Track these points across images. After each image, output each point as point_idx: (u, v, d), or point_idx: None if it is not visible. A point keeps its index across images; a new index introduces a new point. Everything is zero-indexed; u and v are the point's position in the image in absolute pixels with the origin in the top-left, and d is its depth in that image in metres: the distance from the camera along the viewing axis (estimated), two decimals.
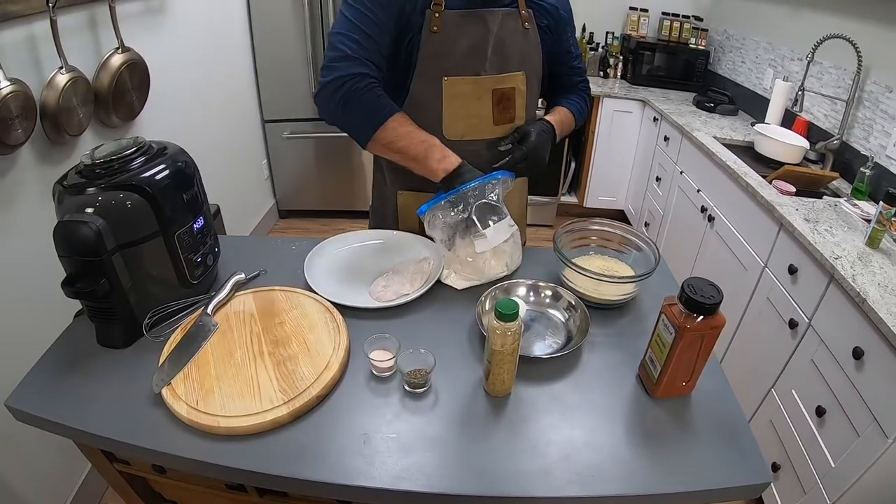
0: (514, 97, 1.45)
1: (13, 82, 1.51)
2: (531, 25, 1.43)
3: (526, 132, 1.44)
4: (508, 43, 1.40)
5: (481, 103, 1.42)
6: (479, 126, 1.44)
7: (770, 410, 2.02)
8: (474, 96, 1.41)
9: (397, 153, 1.35)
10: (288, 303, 1.25)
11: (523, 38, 1.42)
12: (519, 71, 1.44)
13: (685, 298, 0.96)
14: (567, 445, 0.97)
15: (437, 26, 1.32)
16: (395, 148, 1.34)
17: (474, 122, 1.43)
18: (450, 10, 1.32)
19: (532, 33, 1.44)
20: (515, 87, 1.44)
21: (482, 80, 1.39)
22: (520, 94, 1.46)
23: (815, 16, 2.85)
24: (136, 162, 1.12)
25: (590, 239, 1.42)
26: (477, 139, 1.45)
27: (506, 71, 1.41)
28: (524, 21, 1.41)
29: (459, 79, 1.38)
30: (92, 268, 1.06)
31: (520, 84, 1.45)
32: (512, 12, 1.39)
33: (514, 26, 1.40)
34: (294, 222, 4.07)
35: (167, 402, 0.99)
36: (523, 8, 1.40)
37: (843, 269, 1.70)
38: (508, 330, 0.96)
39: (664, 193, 3.32)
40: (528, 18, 1.42)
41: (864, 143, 2.45)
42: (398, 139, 1.32)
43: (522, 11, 1.40)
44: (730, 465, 0.95)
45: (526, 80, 1.45)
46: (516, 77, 1.43)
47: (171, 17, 2.50)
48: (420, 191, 1.46)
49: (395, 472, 0.91)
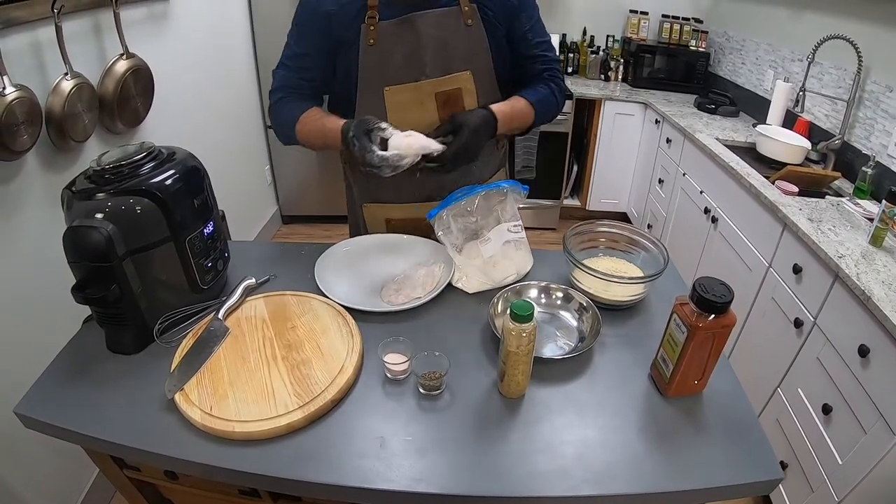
0: (461, 98, 1.42)
1: (18, 88, 1.51)
2: (475, 21, 1.37)
3: (460, 123, 1.35)
4: (451, 43, 1.37)
5: (424, 109, 1.40)
6: (427, 132, 1.40)
7: (777, 409, 2.02)
8: (416, 102, 1.39)
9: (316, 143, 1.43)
10: (299, 307, 1.25)
11: (467, 36, 1.38)
12: (464, 70, 1.40)
13: (697, 298, 0.97)
14: (582, 445, 0.97)
15: (374, 39, 1.33)
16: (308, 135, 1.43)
17: (421, 128, 1.39)
18: (384, 21, 1.32)
19: (476, 29, 1.38)
20: (462, 88, 1.41)
21: (422, 85, 1.38)
22: (468, 94, 1.43)
23: (814, 17, 2.86)
24: (145, 167, 1.12)
25: (598, 241, 1.42)
26: None
27: (449, 72, 1.39)
28: (466, 18, 1.36)
29: (400, 87, 1.38)
30: (102, 273, 1.06)
31: (466, 84, 1.41)
32: (452, 10, 1.35)
33: (456, 25, 1.36)
34: (297, 227, 4.07)
35: (180, 407, 0.99)
36: (465, 4, 1.36)
37: (847, 267, 1.71)
38: (524, 331, 0.96)
39: (667, 195, 3.32)
40: (470, 14, 1.36)
41: (866, 143, 2.46)
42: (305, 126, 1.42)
43: (464, 8, 1.36)
44: (741, 463, 0.96)
45: (474, 78, 1.42)
46: (461, 77, 1.40)
47: (175, 22, 2.50)
48: (385, 202, 1.45)
49: (412, 475, 0.91)
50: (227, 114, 3.14)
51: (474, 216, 1.37)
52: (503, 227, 1.39)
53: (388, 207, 1.48)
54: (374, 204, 1.57)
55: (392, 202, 1.38)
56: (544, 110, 1.53)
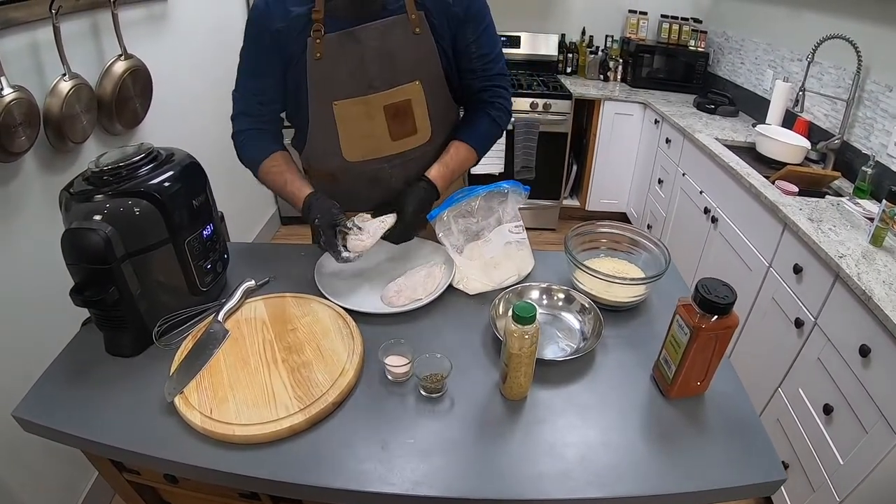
0: (411, 109, 1.40)
1: (16, 89, 1.50)
2: (423, 29, 1.34)
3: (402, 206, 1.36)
4: (398, 53, 1.34)
5: (374, 122, 1.39)
6: (377, 145, 1.42)
7: (777, 410, 2.02)
8: (366, 116, 1.38)
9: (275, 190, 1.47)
10: (300, 309, 1.24)
11: (415, 45, 1.35)
12: (413, 81, 1.37)
13: (700, 299, 0.97)
14: (584, 447, 0.97)
15: (320, 52, 1.31)
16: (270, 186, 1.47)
17: (372, 142, 1.41)
18: (330, 34, 1.30)
19: (424, 37, 1.35)
20: (411, 99, 1.39)
21: (370, 98, 1.36)
22: (418, 104, 1.41)
23: (814, 16, 2.86)
24: (144, 168, 1.12)
25: (599, 242, 1.42)
26: (377, 157, 1.44)
27: (397, 84, 1.37)
28: (414, 26, 1.33)
29: (349, 101, 1.36)
30: (101, 276, 1.05)
31: (415, 94, 1.39)
32: (399, 19, 1.32)
33: (403, 34, 1.33)
34: (296, 229, 4.06)
35: (180, 410, 0.99)
36: (412, 12, 1.32)
37: (847, 267, 1.70)
38: (526, 333, 0.95)
39: (666, 195, 3.32)
40: (418, 22, 1.33)
41: (865, 143, 2.46)
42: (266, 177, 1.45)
43: (412, 16, 1.32)
44: (744, 464, 0.96)
45: (423, 88, 1.39)
46: (410, 88, 1.38)
47: (173, 23, 2.49)
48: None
49: (414, 478, 0.90)
50: (225, 115, 3.08)
51: (475, 217, 1.37)
52: (504, 228, 1.39)
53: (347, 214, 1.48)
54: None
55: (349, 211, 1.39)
56: (485, 145, 1.53)
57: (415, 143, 1.45)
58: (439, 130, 1.48)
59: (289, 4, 1.29)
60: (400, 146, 1.44)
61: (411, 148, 1.45)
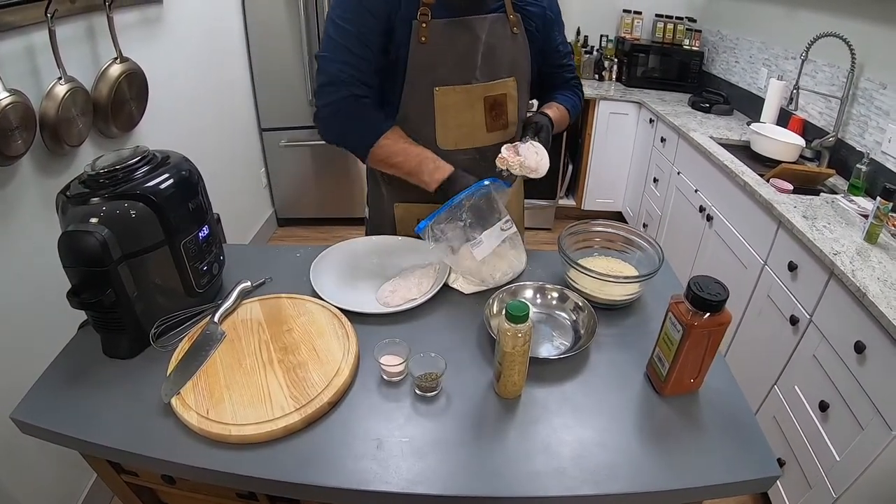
0: (506, 103, 1.45)
1: (12, 93, 1.51)
2: (519, 30, 1.41)
3: (541, 125, 1.42)
4: (498, 49, 1.38)
5: (474, 112, 1.41)
6: (473, 134, 1.44)
7: (774, 407, 2.02)
8: (466, 105, 1.40)
9: (393, 168, 1.39)
10: (295, 310, 1.25)
11: (512, 44, 1.41)
12: (510, 77, 1.43)
13: (692, 296, 0.97)
14: (579, 445, 0.97)
15: (426, 37, 1.31)
16: (391, 163, 1.38)
17: (467, 130, 1.43)
18: (437, 20, 1.31)
19: (521, 38, 1.42)
20: (507, 94, 1.44)
21: (473, 88, 1.39)
22: (511, 100, 1.45)
23: (808, 15, 2.87)
24: (140, 171, 1.12)
25: (593, 241, 1.43)
26: (470, 147, 1.45)
27: (496, 77, 1.41)
28: (513, 26, 1.39)
29: (450, 88, 1.37)
30: (97, 278, 1.05)
31: (511, 90, 1.44)
32: (500, 17, 1.37)
33: (503, 32, 1.38)
34: (293, 230, 4.06)
35: (177, 411, 0.99)
36: (511, 13, 1.39)
37: (842, 264, 1.71)
38: (519, 332, 0.96)
39: (662, 194, 3.33)
40: (516, 23, 1.40)
41: (860, 140, 2.47)
42: (392, 156, 1.37)
43: (510, 16, 1.38)
44: (739, 460, 0.96)
45: (517, 85, 1.45)
46: (507, 83, 1.43)
47: (168, 26, 2.50)
48: (417, 202, 1.45)
49: (410, 477, 0.91)
50: (221, 117, 3.13)
51: (462, 221, 1.37)
52: (496, 228, 1.38)
53: (418, 207, 1.47)
54: (405, 203, 1.56)
55: (422, 202, 1.38)
56: (574, 116, 1.64)
57: (505, 137, 1.48)
58: (520, 128, 1.51)
59: None
60: (493, 139, 1.46)
61: (500, 142, 1.43)
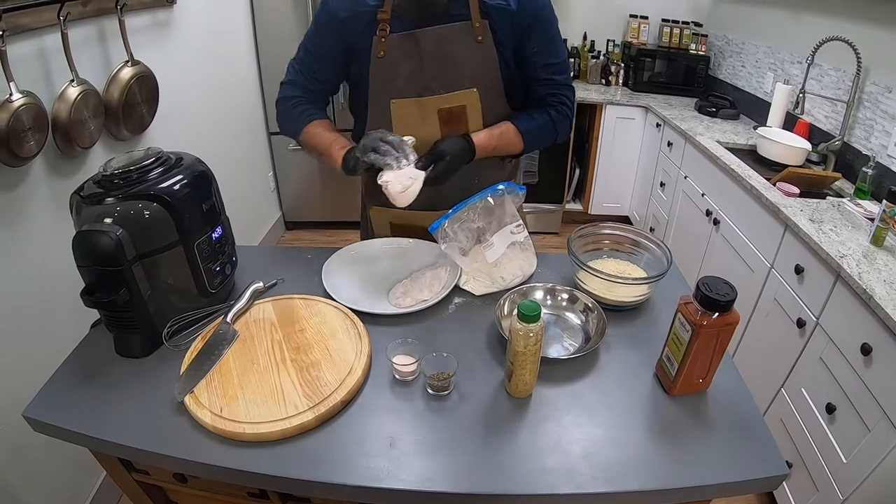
0: (465, 115, 1.42)
1: (25, 95, 1.52)
2: (485, 37, 1.35)
3: (444, 153, 1.35)
4: (458, 59, 1.35)
5: (427, 124, 1.41)
6: (428, 146, 1.41)
7: (780, 409, 2.02)
8: (420, 118, 1.41)
9: (315, 152, 1.47)
10: (307, 310, 1.26)
11: (476, 53, 1.36)
12: (471, 88, 1.39)
13: (701, 296, 0.98)
14: (589, 443, 0.98)
15: (384, 51, 1.35)
16: (312, 146, 1.47)
17: (425, 142, 1.41)
18: (394, 34, 1.33)
19: (487, 45, 1.36)
20: (467, 105, 1.41)
21: (425, 101, 1.39)
22: (473, 111, 1.42)
23: (813, 19, 2.87)
24: (154, 172, 1.13)
25: (602, 243, 1.43)
26: None
27: (456, 88, 1.38)
28: (477, 34, 1.34)
29: (405, 101, 1.39)
30: (111, 277, 1.06)
31: (472, 100, 1.40)
32: (464, 25, 1.33)
33: (466, 40, 1.34)
34: (300, 233, 4.07)
35: (190, 410, 1.00)
36: (477, 20, 1.33)
37: (849, 267, 1.71)
38: (531, 331, 0.97)
39: (668, 198, 3.33)
40: (481, 31, 1.34)
41: (866, 144, 2.47)
42: (312, 138, 1.46)
43: (476, 24, 1.33)
44: (747, 459, 0.96)
45: (480, 95, 1.40)
46: (467, 94, 1.39)
47: (178, 30, 2.52)
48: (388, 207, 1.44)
49: (422, 474, 0.91)
50: (230, 120, 3.15)
51: (476, 222, 1.38)
52: (506, 230, 1.40)
53: (391, 212, 1.49)
54: (379, 207, 1.59)
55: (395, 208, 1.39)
56: (535, 139, 1.52)
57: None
58: None
59: None
60: None
61: None
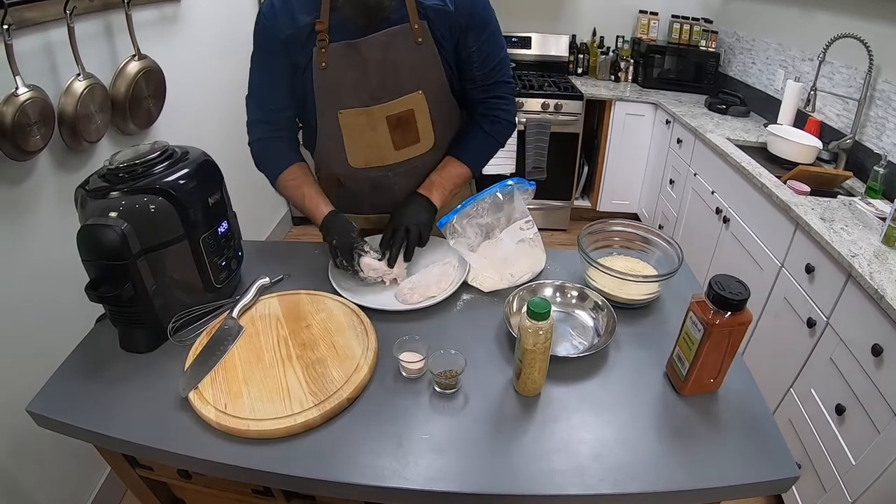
0: (413, 119, 1.41)
1: (31, 89, 1.52)
2: (425, 39, 1.33)
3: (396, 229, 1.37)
4: (402, 64, 1.34)
5: (377, 132, 1.40)
6: (380, 154, 1.43)
7: (789, 410, 2.01)
8: (369, 126, 1.40)
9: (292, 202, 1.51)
10: (314, 306, 1.25)
11: (418, 55, 1.34)
12: (416, 91, 1.37)
13: (713, 295, 0.97)
14: (598, 444, 0.96)
15: (326, 62, 1.32)
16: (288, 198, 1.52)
17: (375, 150, 1.42)
18: (334, 44, 1.31)
19: (427, 47, 1.34)
20: (414, 109, 1.40)
21: (373, 109, 1.37)
22: (421, 114, 1.41)
23: (825, 16, 2.84)
24: (159, 166, 1.13)
25: (612, 240, 1.42)
26: (380, 165, 1.46)
27: (401, 94, 1.37)
28: (417, 36, 1.32)
29: (352, 111, 1.38)
30: (116, 272, 1.06)
31: (418, 104, 1.39)
32: (403, 29, 1.31)
33: (405, 44, 1.32)
34: (308, 229, 4.06)
35: (195, 406, 0.99)
36: (415, 22, 1.31)
37: (860, 266, 1.69)
38: (540, 329, 0.96)
39: (678, 196, 3.31)
40: (420, 32, 1.32)
41: (877, 142, 2.45)
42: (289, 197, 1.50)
43: (415, 26, 1.31)
44: (757, 461, 0.95)
45: (426, 97, 1.39)
46: (414, 98, 1.38)
47: (185, 24, 2.51)
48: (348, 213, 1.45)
49: (429, 473, 0.90)
50: (237, 115, 3.08)
51: (485, 218, 1.37)
52: (515, 226, 1.39)
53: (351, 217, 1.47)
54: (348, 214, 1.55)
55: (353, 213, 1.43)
56: (480, 159, 1.54)
57: (418, 151, 1.46)
58: (444, 138, 1.49)
59: (296, 12, 1.30)
60: (403, 154, 1.45)
61: (415, 156, 1.46)
